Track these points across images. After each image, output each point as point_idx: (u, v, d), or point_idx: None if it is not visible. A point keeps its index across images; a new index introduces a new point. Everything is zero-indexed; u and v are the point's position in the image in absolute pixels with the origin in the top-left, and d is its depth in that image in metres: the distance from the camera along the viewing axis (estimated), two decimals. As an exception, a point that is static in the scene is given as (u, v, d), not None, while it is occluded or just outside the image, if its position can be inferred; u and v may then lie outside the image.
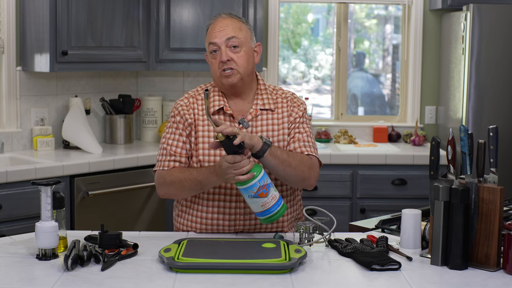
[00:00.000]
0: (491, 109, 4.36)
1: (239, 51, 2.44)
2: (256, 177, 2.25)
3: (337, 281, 2.00)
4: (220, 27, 2.45)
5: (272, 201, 2.28)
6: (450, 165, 2.16)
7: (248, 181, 2.25)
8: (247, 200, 2.30)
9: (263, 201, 2.26)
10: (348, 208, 4.34)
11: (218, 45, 2.44)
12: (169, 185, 2.47)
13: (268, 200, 2.27)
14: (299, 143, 2.49)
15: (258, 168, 2.27)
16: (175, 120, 2.53)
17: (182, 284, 1.92)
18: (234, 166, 2.24)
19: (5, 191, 3.51)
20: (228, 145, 2.24)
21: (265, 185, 2.26)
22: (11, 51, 4.13)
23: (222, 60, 2.42)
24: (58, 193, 2.17)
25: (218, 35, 2.44)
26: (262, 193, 2.26)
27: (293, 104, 2.55)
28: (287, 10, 5.66)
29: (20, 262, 2.09)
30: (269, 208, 2.27)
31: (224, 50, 2.43)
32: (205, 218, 2.50)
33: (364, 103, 5.91)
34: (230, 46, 2.43)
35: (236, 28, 2.46)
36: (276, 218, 2.30)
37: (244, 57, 2.45)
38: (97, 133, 4.55)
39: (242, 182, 2.25)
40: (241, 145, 2.24)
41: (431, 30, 4.89)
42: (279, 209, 2.29)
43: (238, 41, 2.44)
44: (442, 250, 2.09)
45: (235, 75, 2.44)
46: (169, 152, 2.49)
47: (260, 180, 2.25)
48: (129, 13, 4.27)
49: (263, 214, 2.29)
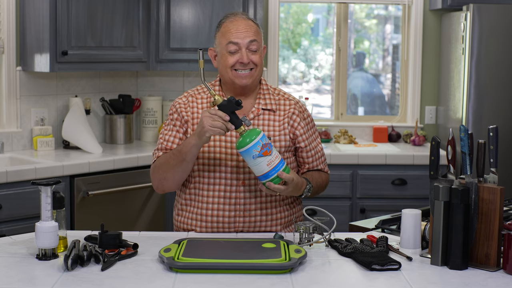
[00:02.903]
0: (491, 109, 4.36)
1: (257, 53, 2.49)
2: (257, 137, 2.25)
3: (337, 281, 2.00)
4: (242, 28, 2.48)
5: (276, 160, 2.27)
6: (450, 165, 2.16)
7: (250, 141, 2.23)
8: (251, 163, 2.28)
9: (268, 159, 2.25)
10: (348, 208, 4.34)
11: (240, 45, 2.46)
12: (158, 169, 2.50)
13: (273, 158, 2.26)
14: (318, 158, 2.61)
15: (257, 130, 2.28)
16: (173, 117, 2.56)
17: (182, 284, 1.92)
18: (213, 117, 2.26)
19: (5, 191, 3.51)
20: (227, 106, 2.25)
21: (267, 144, 2.26)
22: (11, 51, 4.13)
23: (243, 62, 2.45)
24: (58, 193, 2.17)
25: (241, 36, 2.46)
26: (266, 151, 2.25)
27: (299, 109, 2.59)
28: (287, 10, 5.66)
29: (20, 262, 2.09)
30: (274, 166, 2.26)
31: (245, 52, 2.46)
32: (205, 216, 2.50)
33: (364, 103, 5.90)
34: (250, 49, 2.47)
35: (256, 32, 2.51)
36: (284, 178, 2.28)
37: (260, 59, 2.51)
38: (97, 133, 4.55)
39: (245, 143, 2.24)
40: (238, 102, 2.26)
41: (431, 30, 4.89)
42: (283, 167, 2.28)
43: (258, 45, 2.49)
44: (442, 250, 2.09)
45: (251, 76, 2.48)
46: (165, 147, 2.53)
47: (261, 139, 2.25)
48: (129, 13, 4.27)
49: (270, 175, 2.26)
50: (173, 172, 2.45)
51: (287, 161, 2.52)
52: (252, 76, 2.48)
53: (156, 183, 2.54)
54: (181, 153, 2.40)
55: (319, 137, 2.66)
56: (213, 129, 2.27)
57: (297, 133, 2.54)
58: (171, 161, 2.44)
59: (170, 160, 2.45)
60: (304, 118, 2.58)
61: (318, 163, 2.60)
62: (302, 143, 2.55)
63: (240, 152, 2.28)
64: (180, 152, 2.40)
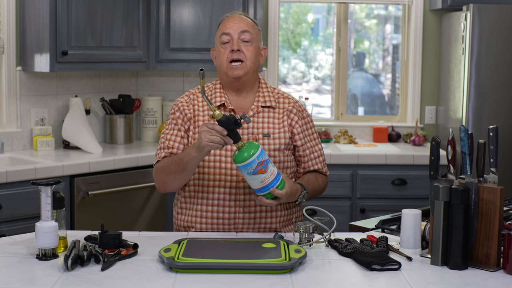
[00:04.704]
0: (491, 109, 4.36)
1: (250, 45, 2.50)
2: (254, 154, 2.26)
3: (337, 281, 2.00)
4: (235, 20, 2.52)
5: (271, 177, 2.29)
6: (450, 165, 2.16)
7: (247, 157, 2.25)
8: (246, 177, 2.31)
9: (262, 177, 2.28)
10: (348, 208, 4.34)
11: (231, 35, 2.49)
12: (160, 172, 2.51)
13: (267, 176, 2.28)
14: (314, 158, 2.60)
15: (255, 145, 2.28)
16: (175, 116, 2.57)
17: (182, 284, 1.92)
18: (211, 133, 2.26)
19: (5, 191, 3.51)
20: (226, 123, 2.26)
21: (264, 161, 2.28)
22: (11, 51, 4.13)
23: (233, 49, 2.47)
24: (58, 193, 2.17)
25: (233, 26, 2.50)
26: (261, 170, 2.27)
27: (298, 108, 2.60)
28: (287, 10, 5.66)
29: (20, 262, 2.09)
30: (268, 184, 2.29)
31: (236, 41, 2.49)
32: (205, 213, 2.50)
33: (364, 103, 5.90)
34: (242, 39, 2.49)
35: (250, 24, 2.54)
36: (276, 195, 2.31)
37: (253, 52, 2.51)
38: (97, 133, 4.55)
39: (242, 158, 2.26)
40: (237, 122, 2.26)
41: (431, 30, 4.89)
42: (278, 184, 2.31)
43: (250, 36, 2.51)
44: (442, 250, 2.09)
45: (243, 68, 2.49)
46: (167, 146, 2.54)
47: (258, 157, 2.27)
48: (129, 13, 4.27)
49: (263, 190, 2.31)
50: (173, 178, 2.47)
51: (287, 158, 2.54)
52: (243, 68, 2.49)
53: (158, 184, 2.56)
54: (182, 162, 2.41)
55: (318, 138, 2.66)
56: (211, 144, 2.27)
57: (294, 131, 2.56)
58: (172, 167, 2.45)
59: (171, 166, 2.45)
60: (302, 117, 2.60)
61: (314, 162, 2.61)
62: (298, 142, 2.57)
63: (236, 166, 2.32)
64: (181, 161, 2.41)
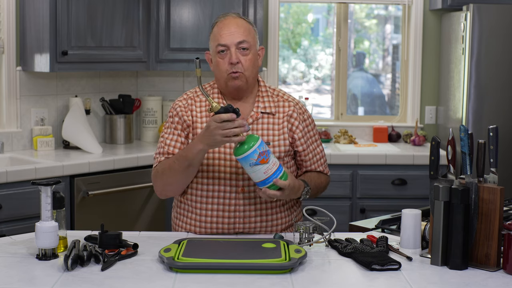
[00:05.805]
0: (491, 109, 4.36)
1: (247, 53, 2.43)
2: (254, 144, 2.22)
3: (337, 281, 2.00)
4: (230, 30, 2.43)
5: (273, 167, 2.25)
6: (450, 165, 2.16)
7: (247, 149, 2.22)
8: (248, 170, 2.26)
9: (265, 168, 2.23)
10: (348, 208, 4.34)
11: (228, 46, 2.42)
12: (162, 174, 2.44)
13: (270, 166, 2.24)
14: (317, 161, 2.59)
15: (255, 137, 2.25)
16: (174, 120, 2.51)
17: (182, 284, 1.92)
18: (223, 126, 2.21)
19: (5, 191, 3.51)
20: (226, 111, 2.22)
21: (265, 151, 2.24)
22: (11, 51, 4.13)
23: (232, 62, 2.41)
24: (58, 193, 2.17)
25: (229, 38, 2.42)
26: (263, 160, 2.22)
27: (299, 110, 2.55)
28: (287, 10, 5.66)
29: (20, 262, 2.09)
30: (271, 174, 2.24)
31: (234, 52, 2.42)
32: (204, 219, 2.48)
33: (364, 103, 5.90)
34: (240, 48, 2.42)
35: (246, 31, 2.45)
36: (280, 185, 2.27)
37: (252, 60, 2.45)
38: (97, 133, 4.55)
39: (242, 150, 2.22)
40: (236, 110, 2.22)
41: (431, 30, 4.89)
42: (281, 175, 2.27)
43: (248, 45, 2.43)
44: (442, 250, 2.09)
45: (241, 78, 2.43)
46: (167, 151, 2.48)
47: (259, 147, 2.23)
48: (129, 13, 4.27)
49: (266, 182, 2.25)
50: (178, 177, 2.41)
51: (287, 165, 2.51)
52: (243, 78, 2.43)
53: (160, 189, 2.49)
54: (186, 158, 2.35)
55: (319, 139, 2.62)
56: (226, 139, 2.22)
57: (295, 137, 2.51)
58: (175, 166, 2.39)
59: (174, 165, 2.39)
60: (303, 119, 2.55)
61: (317, 165, 2.58)
62: (300, 147, 2.52)
63: (238, 159, 2.27)
64: (185, 157, 2.35)
